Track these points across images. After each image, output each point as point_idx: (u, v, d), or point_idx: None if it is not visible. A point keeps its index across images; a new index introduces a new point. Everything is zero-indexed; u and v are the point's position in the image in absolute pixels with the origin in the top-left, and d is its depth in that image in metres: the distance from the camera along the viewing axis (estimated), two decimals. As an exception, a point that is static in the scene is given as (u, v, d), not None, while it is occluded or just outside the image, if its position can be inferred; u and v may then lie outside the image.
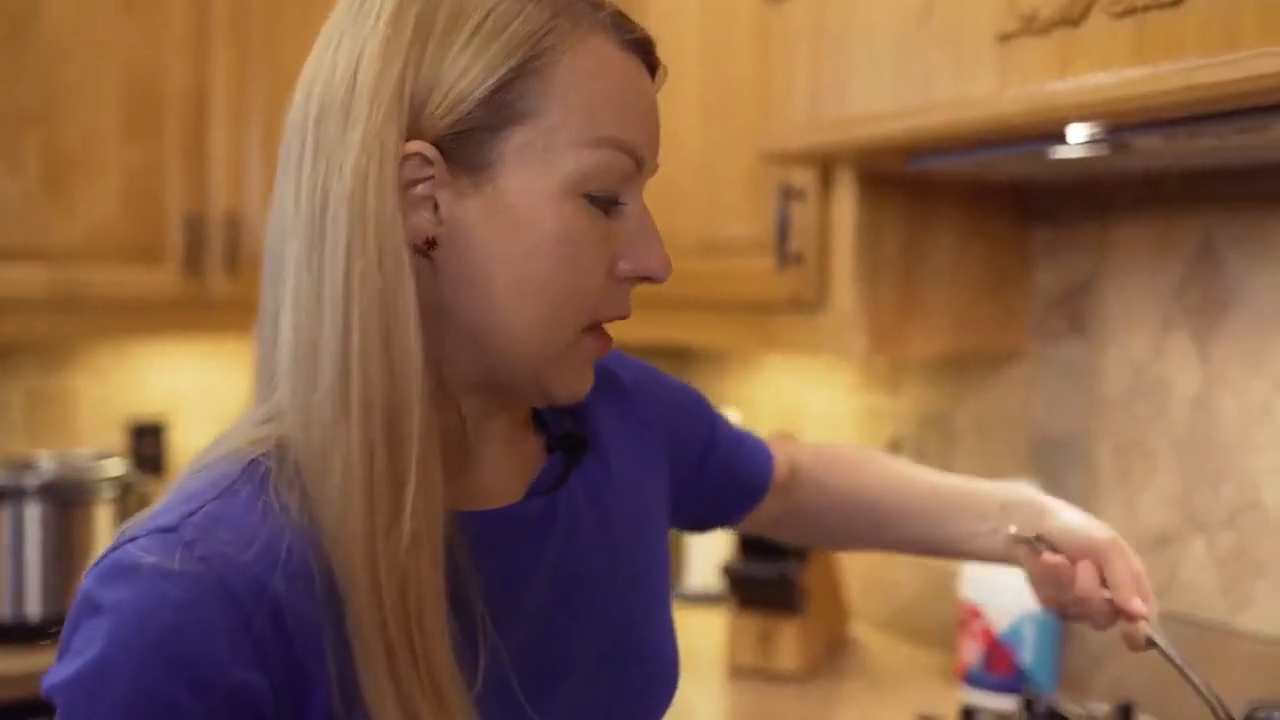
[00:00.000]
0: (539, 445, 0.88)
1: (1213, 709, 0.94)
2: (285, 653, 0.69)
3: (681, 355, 2.58)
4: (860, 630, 2.08)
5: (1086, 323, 1.74)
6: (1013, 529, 1.07)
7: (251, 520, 0.71)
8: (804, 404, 2.26)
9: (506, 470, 0.84)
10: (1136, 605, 1.01)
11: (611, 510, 0.90)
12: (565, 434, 0.89)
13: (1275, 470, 1.50)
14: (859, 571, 2.11)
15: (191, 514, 0.70)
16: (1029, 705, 1.59)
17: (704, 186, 1.86)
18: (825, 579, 1.93)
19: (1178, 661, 0.98)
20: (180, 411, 2.57)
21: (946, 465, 1.96)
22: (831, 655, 1.94)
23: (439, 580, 0.71)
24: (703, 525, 1.14)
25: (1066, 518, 1.07)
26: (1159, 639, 0.98)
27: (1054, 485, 1.77)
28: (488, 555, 0.78)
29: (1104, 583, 1.03)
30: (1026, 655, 1.69)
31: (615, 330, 0.80)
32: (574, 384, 0.79)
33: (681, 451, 1.02)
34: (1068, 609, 1.05)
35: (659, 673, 0.89)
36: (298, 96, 0.76)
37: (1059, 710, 1.56)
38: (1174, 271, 1.62)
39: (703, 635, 2.01)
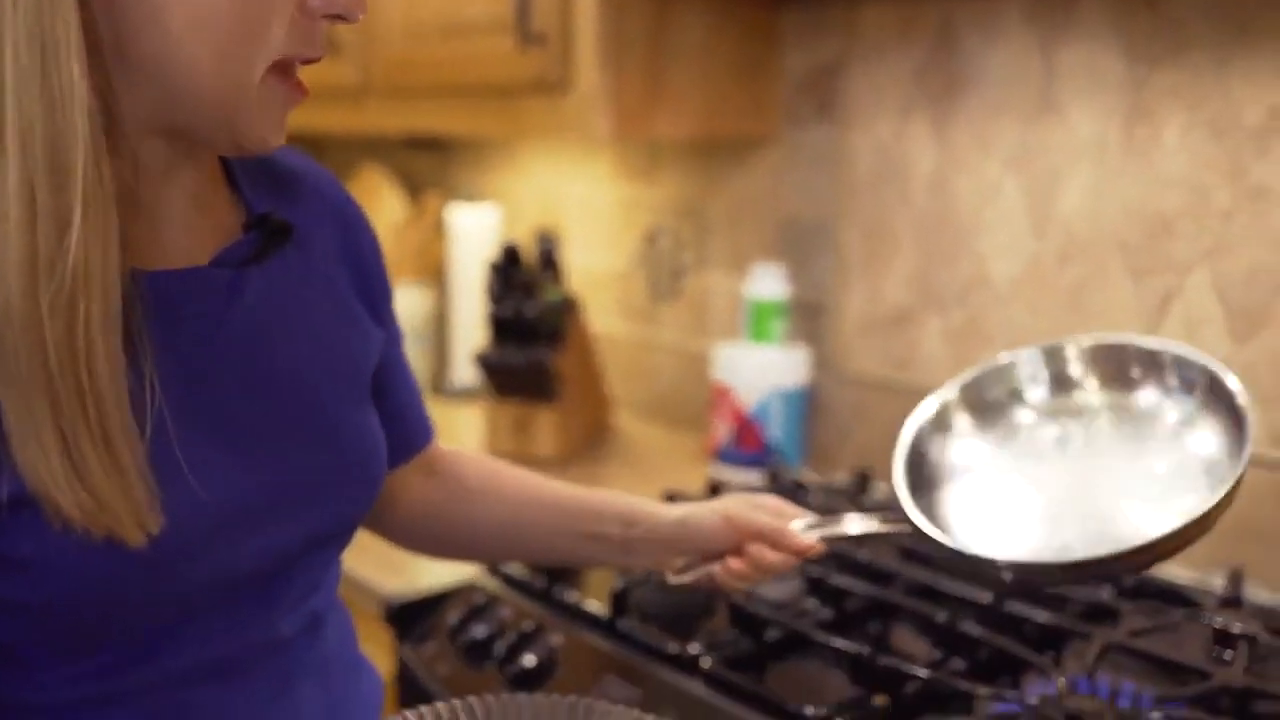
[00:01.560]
0: (235, 219, 0.85)
1: (892, 528, 1.05)
2: None
3: (438, 148, 2.51)
4: (622, 417, 2.12)
5: (834, 107, 1.75)
6: (670, 579, 1.07)
7: None
8: (562, 196, 2.24)
9: (193, 233, 0.80)
10: (799, 542, 1.03)
11: (309, 305, 0.87)
12: (267, 216, 0.85)
13: (1002, 247, 1.57)
14: (619, 360, 2.14)
15: None
16: (774, 478, 1.65)
17: (447, -35, 1.78)
18: (582, 367, 1.95)
19: (846, 533, 1.06)
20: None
21: (702, 254, 1.98)
22: (591, 441, 1.97)
23: (111, 328, 0.69)
24: None
25: (696, 525, 1.05)
26: (825, 533, 1.05)
27: (803, 269, 1.81)
28: (163, 318, 0.75)
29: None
30: (774, 431, 1.75)
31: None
32: (265, 132, 0.76)
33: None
34: (758, 584, 1.08)
35: (355, 466, 0.87)
36: None
37: (802, 481, 1.63)
38: (916, 55, 1.64)
39: (465, 428, 2.02)
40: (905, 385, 1.70)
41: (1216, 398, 0.98)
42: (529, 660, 1.23)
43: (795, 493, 1.56)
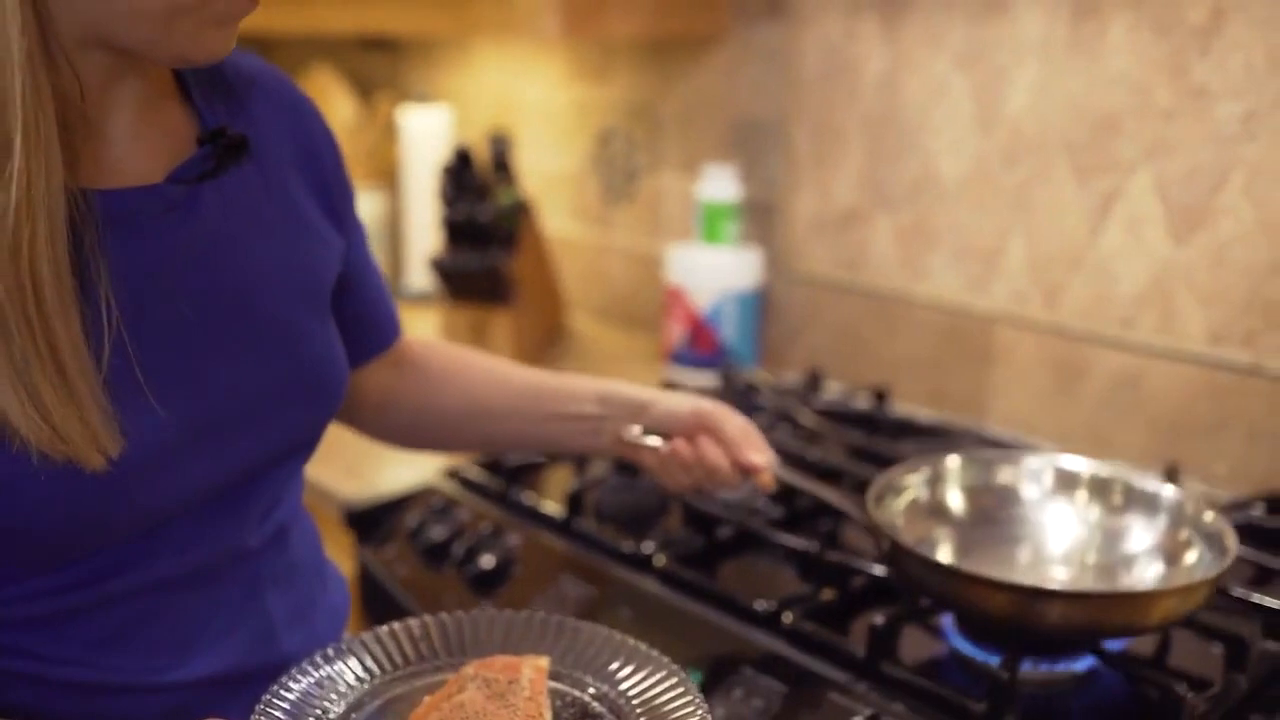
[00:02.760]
0: (188, 132, 0.83)
1: (847, 510, 1.08)
2: None
3: (389, 47, 2.48)
4: (579, 320, 2.14)
5: (784, 4, 1.74)
6: (623, 434, 1.07)
7: None
8: (516, 97, 2.23)
9: (145, 149, 0.79)
10: (756, 459, 1.06)
11: (266, 219, 0.86)
12: (221, 130, 0.83)
13: (950, 146, 1.58)
14: (576, 264, 2.15)
15: None
16: (727, 379, 1.68)
17: None
18: (537, 270, 1.95)
19: (802, 486, 1.11)
20: None
21: (654, 155, 1.98)
22: (547, 344, 1.99)
23: (58, 254, 0.68)
24: None
25: (667, 404, 1.07)
26: (782, 474, 1.09)
27: (754, 169, 1.82)
28: (118, 237, 0.74)
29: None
30: (728, 332, 1.77)
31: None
32: (210, 44, 0.73)
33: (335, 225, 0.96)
34: (701, 484, 1.08)
35: (317, 382, 0.88)
36: None
37: (754, 382, 1.66)
38: (866, -49, 1.63)
39: (421, 332, 2.03)
40: (856, 286, 1.72)
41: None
42: (487, 561, 1.26)
43: (748, 394, 1.59)
